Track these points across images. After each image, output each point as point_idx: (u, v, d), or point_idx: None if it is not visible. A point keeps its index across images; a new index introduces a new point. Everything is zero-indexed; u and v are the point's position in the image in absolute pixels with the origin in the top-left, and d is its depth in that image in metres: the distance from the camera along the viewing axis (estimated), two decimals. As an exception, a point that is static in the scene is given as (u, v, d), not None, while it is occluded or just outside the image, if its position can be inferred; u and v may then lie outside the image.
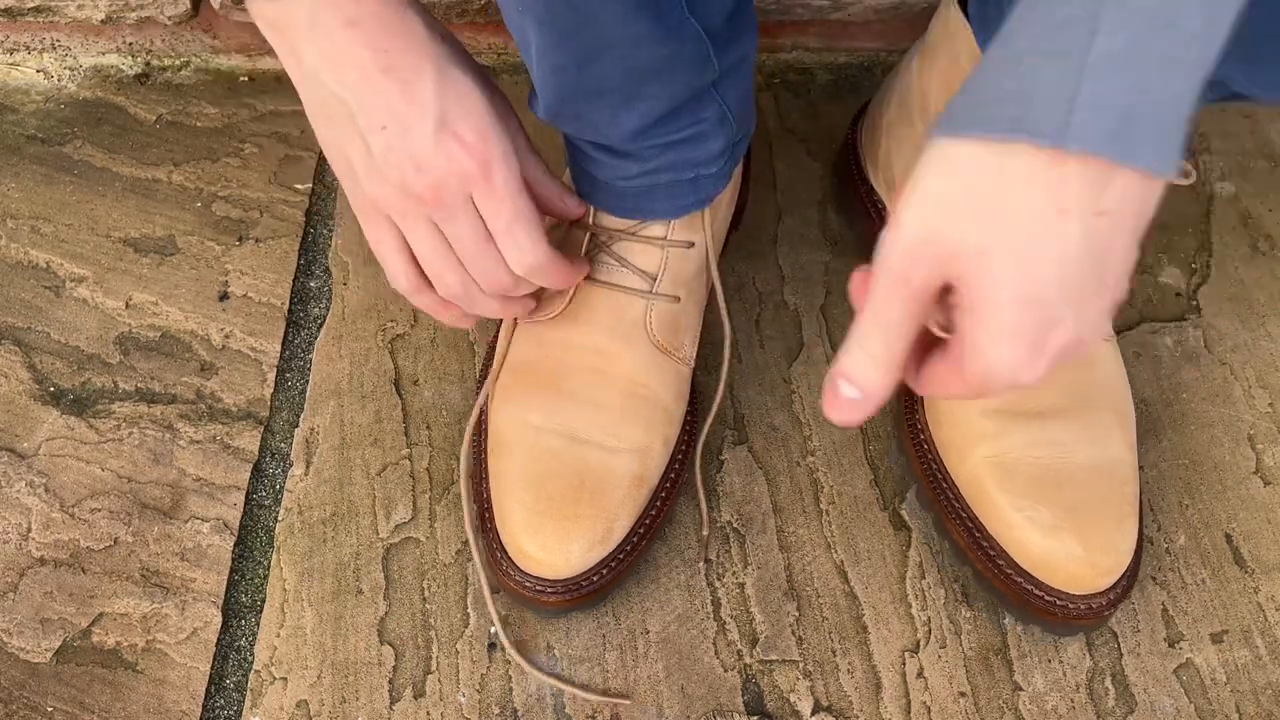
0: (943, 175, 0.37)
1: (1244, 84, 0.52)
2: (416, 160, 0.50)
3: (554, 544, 0.58)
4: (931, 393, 0.42)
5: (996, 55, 0.37)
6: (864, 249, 0.72)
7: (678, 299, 0.63)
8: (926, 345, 0.42)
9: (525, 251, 0.54)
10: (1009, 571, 0.60)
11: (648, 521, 0.62)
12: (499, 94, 0.54)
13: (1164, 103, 0.35)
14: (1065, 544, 0.58)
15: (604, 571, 0.60)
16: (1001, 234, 0.36)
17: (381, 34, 0.48)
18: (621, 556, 0.61)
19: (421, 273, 0.55)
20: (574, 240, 0.64)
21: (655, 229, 0.62)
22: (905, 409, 0.67)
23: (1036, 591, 0.59)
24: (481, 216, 0.53)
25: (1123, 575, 0.59)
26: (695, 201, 0.61)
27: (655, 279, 0.63)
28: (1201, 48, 0.35)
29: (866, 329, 0.40)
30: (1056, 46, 0.35)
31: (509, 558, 0.60)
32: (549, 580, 0.59)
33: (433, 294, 0.56)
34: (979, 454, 0.61)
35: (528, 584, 0.59)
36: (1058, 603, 0.59)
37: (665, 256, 0.63)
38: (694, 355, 0.66)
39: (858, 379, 0.40)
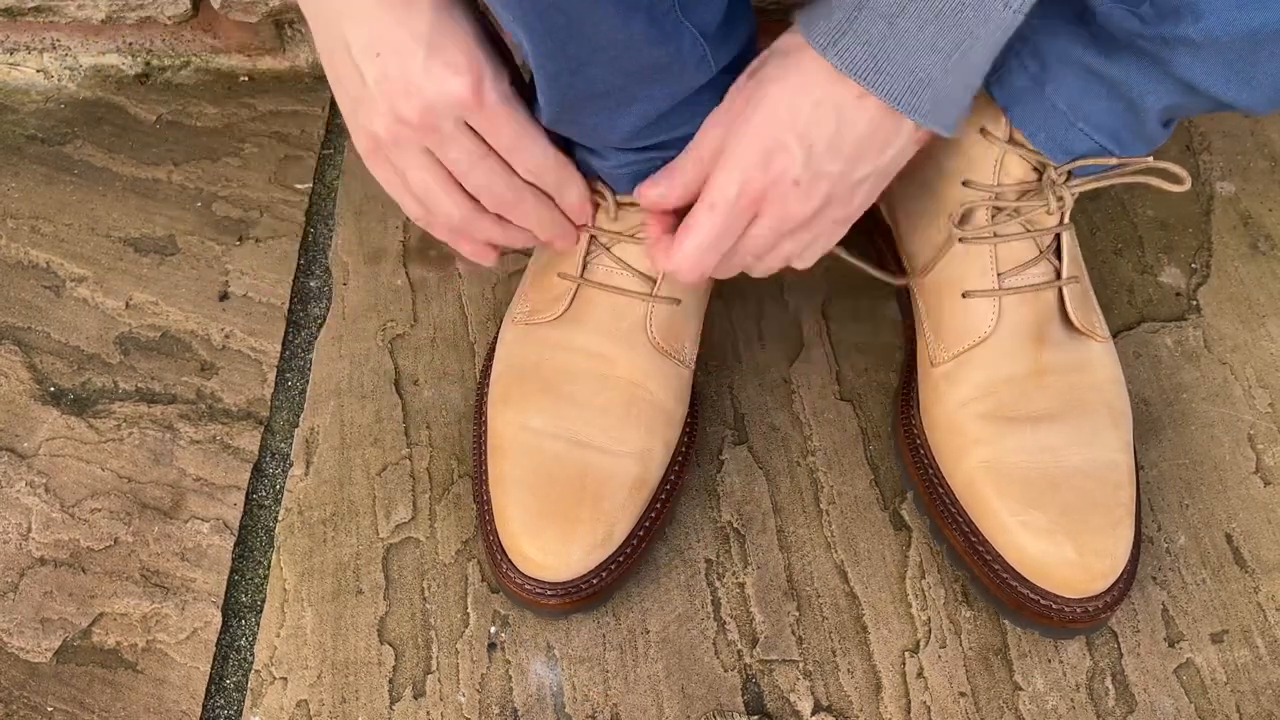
0: (800, 92, 0.50)
1: (1237, 97, 0.53)
2: (407, 86, 0.50)
3: (554, 547, 0.58)
4: (678, 245, 0.55)
5: None
6: (865, 248, 0.71)
7: (678, 301, 0.63)
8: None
9: (533, 155, 0.55)
10: (1005, 576, 0.60)
11: (647, 524, 0.62)
12: (500, 42, 0.54)
13: (913, 56, 0.48)
14: (1059, 548, 0.58)
15: (604, 574, 0.60)
16: (780, 81, 0.51)
17: None
18: (621, 559, 0.60)
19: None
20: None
21: None
22: (901, 416, 0.67)
23: (1032, 596, 0.59)
24: (482, 137, 0.53)
25: (1118, 578, 0.59)
26: None
27: (655, 281, 0.63)
28: (951, 25, 0.47)
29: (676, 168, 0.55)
30: None
31: (509, 559, 0.60)
32: (549, 583, 0.59)
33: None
34: (973, 459, 0.61)
35: (527, 586, 0.59)
36: (1053, 607, 0.59)
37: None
38: (694, 357, 0.66)
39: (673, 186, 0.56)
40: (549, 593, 0.59)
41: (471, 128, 0.53)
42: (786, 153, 0.51)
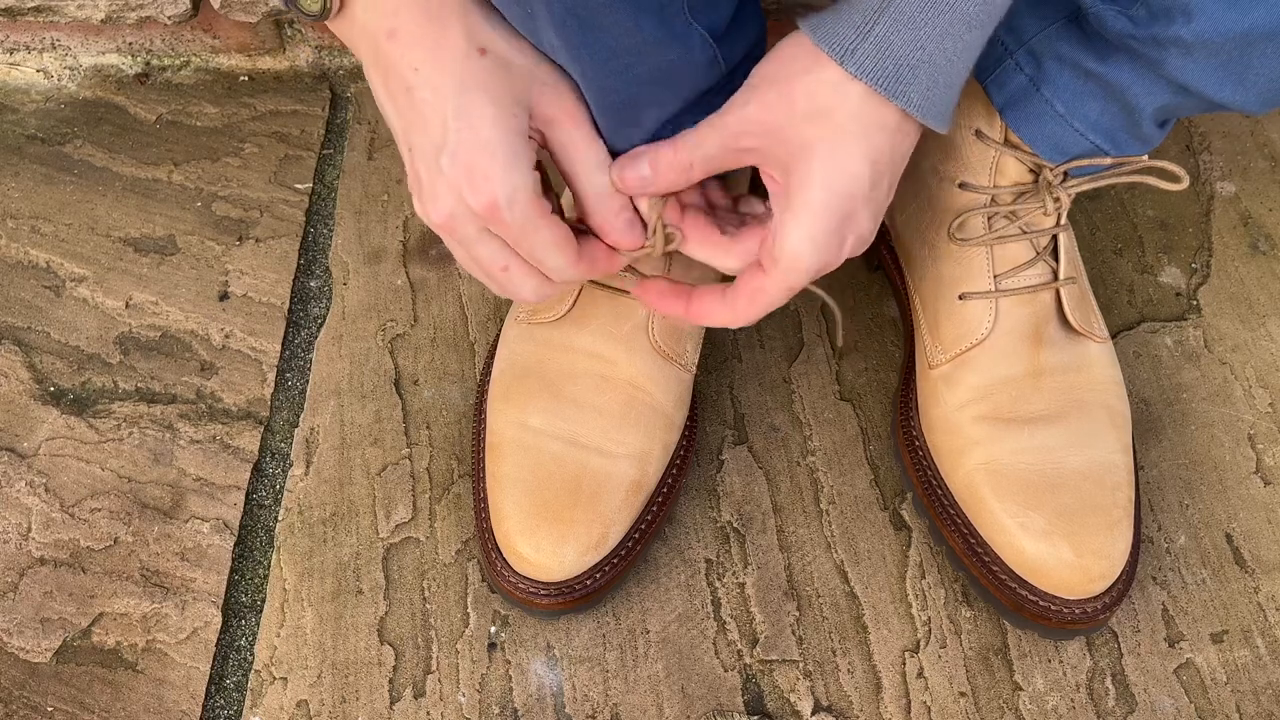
0: (800, 74, 0.46)
1: (1230, 97, 0.53)
2: (430, 190, 0.49)
3: (548, 547, 0.58)
4: (744, 309, 0.52)
5: None
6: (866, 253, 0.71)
7: None
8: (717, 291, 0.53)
9: (557, 271, 0.52)
10: (1003, 578, 0.60)
11: (643, 527, 0.62)
12: (556, 94, 0.51)
13: (937, 65, 0.45)
14: (1057, 549, 0.58)
15: (598, 575, 0.60)
16: (828, 135, 0.46)
17: (415, 49, 0.48)
18: (616, 561, 0.60)
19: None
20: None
21: None
22: (900, 417, 0.67)
23: (1031, 597, 0.59)
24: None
25: (1117, 580, 0.59)
26: None
27: None
28: (975, 30, 0.44)
29: (684, 147, 0.50)
30: None
31: (503, 558, 0.60)
32: (542, 583, 0.59)
33: None
34: (972, 460, 0.61)
35: (521, 585, 0.59)
36: (1052, 608, 0.59)
37: (668, 262, 0.63)
38: (696, 361, 0.66)
39: (660, 167, 0.51)
40: (542, 593, 0.59)
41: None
42: (855, 220, 0.48)
